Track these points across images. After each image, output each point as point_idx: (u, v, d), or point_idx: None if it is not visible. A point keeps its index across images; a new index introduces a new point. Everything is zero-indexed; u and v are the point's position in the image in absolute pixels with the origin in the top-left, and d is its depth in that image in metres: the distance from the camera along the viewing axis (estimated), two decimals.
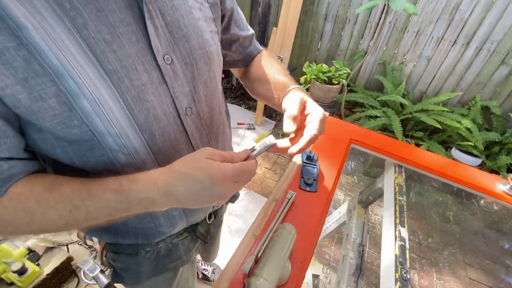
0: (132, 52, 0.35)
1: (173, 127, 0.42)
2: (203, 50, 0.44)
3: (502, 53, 2.09)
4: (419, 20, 2.24)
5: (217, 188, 0.34)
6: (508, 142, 2.13)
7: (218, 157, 0.36)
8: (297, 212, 0.67)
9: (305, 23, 2.65)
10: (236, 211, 1.72)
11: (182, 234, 0.63)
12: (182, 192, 0.34)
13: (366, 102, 2.48)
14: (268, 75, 0.58)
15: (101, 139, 0.36)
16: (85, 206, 0.34)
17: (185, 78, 0.42)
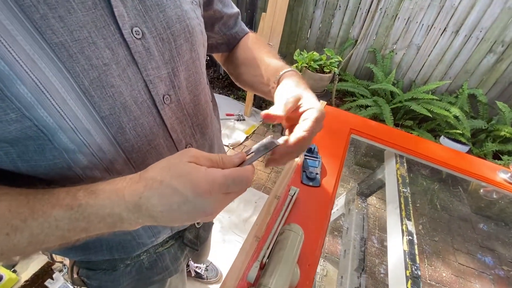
0: (87, 20, 0.27)
1: (148, 118, 0.35)
2: (183, 23, 0.35)
3: (490, 40, 2.10)
4: (410, 7, 2.21)
5: (203, 201, 0.26)
6: (494, 130, 2.18)
7: (205, 160, 0.28)
8: (301, 210, 0.61)
9: (295, 9, 2.55)
10: (228, 206, 1.66)
11: (167, 242, 0.55)
12: (156, 206, 0.26)
13: (356, 91, 2.45)
14: (256, 59, 0.49)
15: (52, 136, 0.28)
16: (28, 228, 0.26)
17: (161, 58, 0.34)
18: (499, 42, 2.09)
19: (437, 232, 1.79)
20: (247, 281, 0.45)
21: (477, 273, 1.61)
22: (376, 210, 1.85)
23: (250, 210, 1.66)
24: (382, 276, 1.45)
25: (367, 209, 1.05)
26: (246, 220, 1.60)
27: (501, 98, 2.28)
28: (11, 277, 1.04)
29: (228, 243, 1.45)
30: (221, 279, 1.33)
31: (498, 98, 2.29)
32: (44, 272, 1.13)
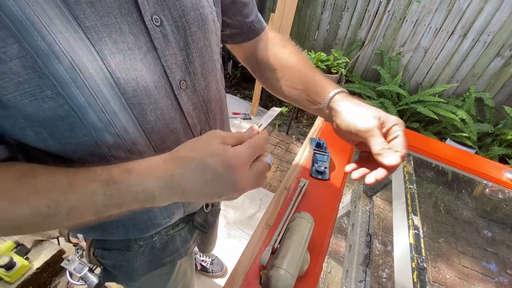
0: (114, 7, 0.29)
1: (166, 102, 0.36)
2: (197, 12, 0.37)
3: (498, 44, 2.10)
4: (418, 10, 2.22)
5: (234, 178, 0.29)
6: (500, 134, 2.17)
7: (231, 140, 0.31)
8: (310, 201, 0.63)
9: (303, 10, 2.58)
10: (233, 202, 1.69)
11: (178, 225, 0.57)
12: (190, 183, 0.29)
13: (363, 93, 2.46)
14: (295, 70, 0.48)
15: (82, 114, 0.30)
16: (67, 202, 0.28)
17: (177, 45, 0.35)
18: (507, 46, 2.08)
19: (441, 233, 1.79)
20: (260, 264, 0.47)
21: (480, 276, 1.61)
22: (381, 211, 1.86)
23: (255, 207, 1.68)
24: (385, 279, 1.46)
25: (373, 206, 1.07)
26: (251, 217, 1.62)
27: (508, 102, 2.28)
28: (23, 264, 1.07)
29: (233, 238, 1.47)
30: (226, 274, 1.35)
31: (505, 102, 2.28)
32: (55, 260, 1.16)
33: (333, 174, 0.73)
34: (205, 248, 1.13)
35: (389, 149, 0.36)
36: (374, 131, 0.36)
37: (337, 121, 0.41)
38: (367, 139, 0.36)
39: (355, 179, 0.38)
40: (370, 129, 0.36)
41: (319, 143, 0.79)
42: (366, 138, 0.36)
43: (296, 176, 0.69)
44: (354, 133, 0.38)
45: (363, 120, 0.37)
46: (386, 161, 0.35)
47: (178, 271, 0.66)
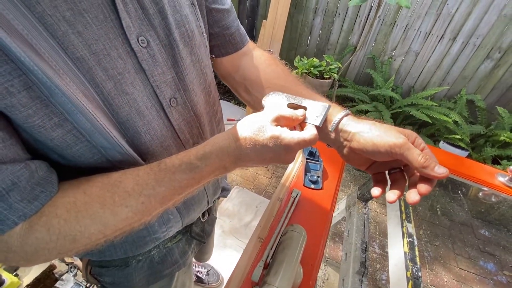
0: (101, 33, 0.29)
1: (158, 121, 0.37)
2: (182, 28, 0.37)
3: (487, 47, 2.14)
4: (407, 15, 2.25)
5: (288, 155, 0.35)
6: (492, 135, 2.20)
7: (283, 120, 0.36)
8: (304, 211, 0.62)
9: (295, 16, 2.60)
10: (229, 210, 1.67)
11: (176, 236, 0.57)
12: (252, 158, 0.35)
13: (356, 97, 2.48)
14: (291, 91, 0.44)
15: (90, 137, 0.30)
16: (158, 194, 0.32)
17: (165, 64, 0.36)
18: (496, 48, 2.12)
19: (437, 236, 1.79)
20: (252, 281, 0.46)
21: (478, 278, 1.61)
22: (377, 215, 1.86)
23: (251, 215, 1.66)
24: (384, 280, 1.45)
25: (368, 213, 1.06)
26: (247, 224, 1.60)
27: (499, 103, 2.31)
28: (13, 281, 1.04)
29: (229, 247, 1.45)
30: (222, 284, 1.32)
31: (496, 103, 2.32)
32: (46, 276, 1.14)
33: (326, 183, 0.72)
34: (202, 257, 1.12)
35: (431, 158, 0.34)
36: (409, 144, 0.35)
37: (352, 143, 0.38)
38: (403, 153, 0.34)
39: (392, 202, 0.36)
40: (404, 142, 0.34)
41: (311, 151, 0.78)
42: (403, 153, 0.34)
43: (289, 186, 0.68)
44: (383, 152, 0.35)
45: (392, 136, 0.35)
46: (439, 172, 0.33)
47: (177, 283, 0.65)
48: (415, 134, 0.37)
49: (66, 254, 0.31)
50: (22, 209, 0.26)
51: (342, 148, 0.41)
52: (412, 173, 0.37)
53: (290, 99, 0.41)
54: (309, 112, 0.39)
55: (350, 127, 0.39)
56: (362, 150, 0.38)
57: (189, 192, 0.36)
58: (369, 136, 0.37)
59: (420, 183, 0.34)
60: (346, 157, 0.41)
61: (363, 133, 0.37)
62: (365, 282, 0.82)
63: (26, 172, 0.27)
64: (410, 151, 0.34)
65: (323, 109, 0.39)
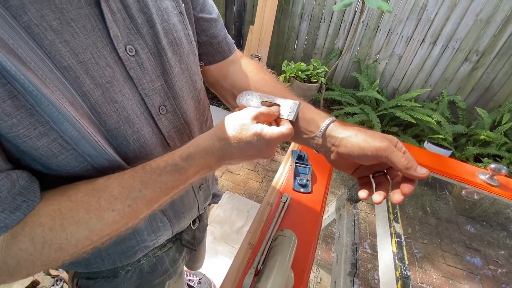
0: (89, 42, 0.29)
1: (147, 129, 0.37)
2: (171, 37, 0.38)
3: (466, 50, 2.23)
4: (390, 20, 2.33)
5: (270, 149, 0.37)
6: (473, 134, 2.28)
7: (262, 116, 0.38)
8: (293, 216, 0.63)
9: (281, 22, 2.64)
10: (220, 216, 1.66)
11: (166, 245, 0.56)
12: (236, 156, 0.36)
13: (343, 100, 2.52)
14: None
15: (76, 145, 0.30)
16: (144, 196, 0.33)
17: (154, 72, 0.36)
18: (474, 51, 2.21)
19: (425, 234, 1.83)
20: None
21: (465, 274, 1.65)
22: (367, 216, 1.89)
23: (242, 220, 1.65)
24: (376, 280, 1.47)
25: (357, 214, 1.08)
26: (238, 230, 1.59)
27: (478, 104, 2.41)
28: None
29: (221, 254, 1.44)
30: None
31: (476, 103, 2.41)
32: None
33: (316, 186, 0.73)
34: (194, 265, 1.10)
35: (413, 160, 0.36)
36: (393, 148, 0.37)
37: (339, 148, 0.40)
38: (388, 156, 0.36)
39: (378, 202, 0.38)
40: (389, 146, 0.36)
41: (300, 155, 0.79)
42: (388, 155, 0.36)
43: (279, 190, 0.68)
44: (369, 155, 0.37)
45: (377, 141, 0.37)
46: (421, 172, 0.35)
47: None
48: (396, 139, 0.39)
49: (51, 265, 0.30)
50: (3, 220, 0.26)
51: (329, 153, 0.42)
52: (394, 175, 0.40)
53: (263, 97, 0.43)
54: (282, 109, 0.42)
55: (337, 132, 0.41)
56: (349, 155, 0.39)
57: (176, 193, 0.36)
58: (356, 140, 0.38)
59: (403, 184, 0.37)
60: (333, 162, 0.43)
61: (350, 138, 0.39)
62: (357, 282, 0.83)
63: (7, 182, 0.26)
64: (394, 153, 0.36)
65: (294, 105, 0.42)
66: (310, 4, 2.48)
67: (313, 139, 0.43)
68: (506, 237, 1.89)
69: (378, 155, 0.36)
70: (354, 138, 0.39)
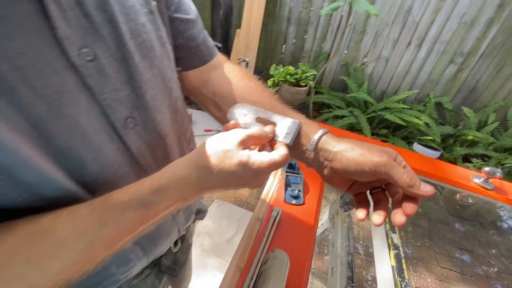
0: (27, 45, 0.23)
1: (110, 146, 0.31)
2: (139, 39, 0.32)
3: (451, 52, 2.26)
4: (376, 23, 2.34)
5: (258, 180, 0.33)
6: (461, 135, 2.31)
7: (251, 140, 0.33)
8: (285, 232, 0.58)
9: (269, 26, 2.62)
10: (209, 226, 1.59)
11: (143, 272, 0.50)
12: (218, 187, 0.32)
13: (332, 103, 2.51)
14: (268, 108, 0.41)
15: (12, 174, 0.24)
16: (103, 237, 0.28)
17: (118, 79, 0.30)
18: (459, 53, 2.25)
19: (418, 237, 1.82)
20: None
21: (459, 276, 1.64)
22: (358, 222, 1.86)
23: (233, 229, 1.59)
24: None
25: (351, 221, 1.03)
26: (229, 240, 1.53)
27: (464, 104, 2.44)
28: None
29: (211, 267, 1.37)
30: None
31: (462, 104, 2.45)
32: None
33: (308, 197, 0.68)
34: (180, 284, 1.03)
35: (415, 177, 0.32)
36: (393, 162, 0.32)
37: (334, 163, 0.36)
38: (388, 172, 0.32)
39: (379, 224, 0.34)
40: (388, 160, 0.32)
41: (291, 163, 0.75)
42: (388, 171, 0.32)
43: (269, 203, 0.63)
44: (367, 171, 0.33)
45: (375, 155, 0.33)
46: (425, 190, 0.31)
47: None
48: (396, 152, 0.35)
49: None
50: None
51: (322, 168, 0.38)
52: (394, 192, 0.35)
53: (259, 113, 0.38)
54: (279, 129, 0.37)
55: (330, 145, 0.36)
56: (344, 170, 0.34)
57: (144, 229, 0.31)
58: (351, 155, 0.34)
59: (405, 203, 0.32)
60: (326, 178, 0.38)
61: (345, 152, 0.35)
62: None
63: None
64: (395, 169, 0.32)
65: (293, 125, 0.37)
66: (297, 8, 2.47)
67: (304, 153, 0.38)
68: (497, 237, 1.90)
69: (377, 171, 0.32)
70: (349, 152, 0.34)
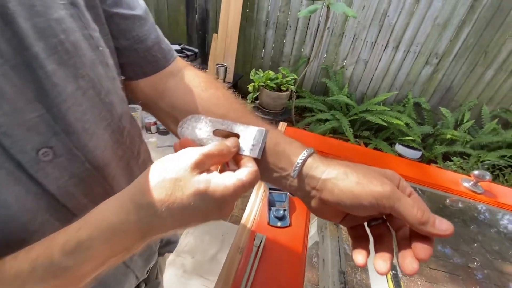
0: None
1: (13, 190, 0.23)
2: (52, 40, 0.23)
3: (426, 54, 2.31)
4: (354, 26, 2.35)
5: (224, 210, 0.25)
6: (440, 134, 2.35)
7: (209, 161, 0.26)
8: (271, 263, 0.50)
9: (247, 30, 2.56)
10: (191, 244, 1.48)
11: None
12: (170, 227, 0.24)
13: (314, 107, 2.49)
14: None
15: None
16: None
17: (20, 96, 0.22)
18: (434, 54, 2.30)
19: None
20: None
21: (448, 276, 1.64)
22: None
23: (216, 246, 1.49)
24: None
25: (340, 234, 0.97)
26: (213, 257, 1.43)
27: (441, 104, 2.50)
28: None
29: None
30: None
31: (439, 104, 2.50)
32: None
33: (295, 216, 0.61)
34: None
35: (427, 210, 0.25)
36: (398, 193, 0.25)
37: (323, 194, 0.28)
38: (393, 206, 0.25)
39: (384, 273, 0.26)
40: (392, 191, 0.25)
41: None
42: (393, 205, 0.25)
43: (251, 229, 0.55)
44: (367, 205, 0.26)
45: (376, 184, 0.26)
46: (442, 228, 0.24)
47: None
48: (398, 175, 0.28)
49: None
50: None
51: (309, 198, 0.30)
52: (399, 225, 0.28)
53: (216, 124, 0.31)
54: (243, 141, 0.30)
55: (318, 171, 0.28)
56: (337, 203, 0.27)
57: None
58: (346, 184, 0.26)
59: (416, 243, 0.25)
60: (314, 210, 0.30)
61: (337, 181, 0.27)
62: None
63: None
64: (401, 202, 0.25)
65: (259, 134, 0.30)
66: (274, 11, 2.44)
67: (285, 179, 0.30)
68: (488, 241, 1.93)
69: (379, 205, 0.25)
70: (342, 180, 0.27)
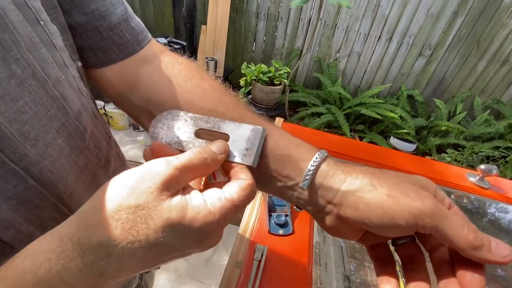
0: None
1: None
2: None
3: (419, 45, 2.28)
4: (347, 17, 2.29)
5: (209, 241, 0.19)
6: (433, 126, 2.34)
7: (191, 176, 0.20)
8: (274, 277, 0.44)
9: (237, 22, 2.47)
10: None
11: None
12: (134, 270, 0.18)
13: (308, 101, 2.43)
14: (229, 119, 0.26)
15: None
16: None
17: None
18: (427, 46, 2.27)
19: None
20: None
21: None
22: None
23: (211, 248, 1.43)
24: None
25: None
26: (207, 260, 1.37)
27: (434, 96, 2.49)
28: None
29: None
30: None
31: (432, 96, 2.49)
32: None
33: (298, 222, 0.55)
34: None
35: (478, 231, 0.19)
36: (443, 209, 0.19)
37: (343, 210, 0.22)
38: (438, 227, 0.19)
39: None
40: (436, 207, 0.19)
41: None
42: (436, 225, 0.19)
43: (250, 239, 0.49)
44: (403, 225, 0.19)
45: (414, 198, 0.20)
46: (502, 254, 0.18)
47: None
48: (433, 183, 0.22)
49: None
50: None
51: (323, 214, 0.23)
52: (434, 245, 0.22)
53: (200, 122, 0.24)
54: (234, 144, 0.23)
55: (336, 181, 0.22)
56: (363, 222, 0.21)
57: None
58: (373, 198, 0.20)
59: (464, 271, 0.19)
60: (330, 229, 0.24)
61: (363, 193, 0.21)
62: None
63: None
64: (448, 221, 0.19)
65: (255, 135, 0.23)
66: (265, 2, 2.35)
67: (291, 190, 0.24)
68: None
69: (419, 225, 0.19)
70: (369, 192, 0.20)
